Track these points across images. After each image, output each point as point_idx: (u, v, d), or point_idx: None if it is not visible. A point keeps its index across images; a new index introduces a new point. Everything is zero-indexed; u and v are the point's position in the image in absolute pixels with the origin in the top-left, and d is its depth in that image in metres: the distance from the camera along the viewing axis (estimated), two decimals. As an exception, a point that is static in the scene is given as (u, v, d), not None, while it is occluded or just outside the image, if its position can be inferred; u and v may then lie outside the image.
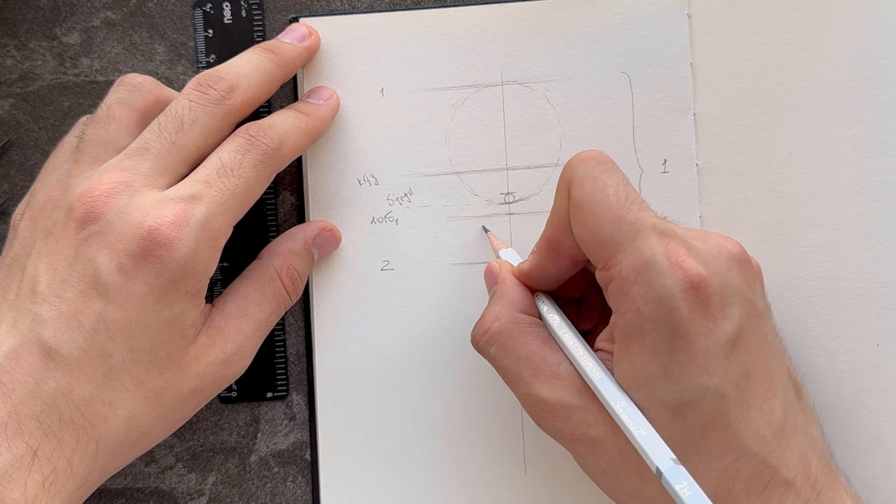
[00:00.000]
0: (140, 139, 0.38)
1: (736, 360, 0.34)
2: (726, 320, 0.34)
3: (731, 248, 0.35)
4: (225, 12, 0.44)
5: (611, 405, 0.34)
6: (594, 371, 0.35)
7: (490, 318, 0.38)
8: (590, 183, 0.35)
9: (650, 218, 0.35)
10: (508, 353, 0.37)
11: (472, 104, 0.44)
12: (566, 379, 0.36)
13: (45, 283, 0.36)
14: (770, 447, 0.34)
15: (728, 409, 0.33)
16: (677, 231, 0.35)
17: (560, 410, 0.36)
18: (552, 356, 0.37)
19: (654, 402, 0.34)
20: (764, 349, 0.35)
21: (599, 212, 0.35)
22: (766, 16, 0.43)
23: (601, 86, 0.43)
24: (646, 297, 0.34)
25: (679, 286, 0.33)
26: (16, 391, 0.34)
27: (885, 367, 0.42)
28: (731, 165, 0.43)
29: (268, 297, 0.40)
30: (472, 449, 0.43)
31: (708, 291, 0.33)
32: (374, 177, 0.44)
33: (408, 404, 0.43)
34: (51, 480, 0.34)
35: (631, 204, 0.35)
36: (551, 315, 0.38)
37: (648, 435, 0.33)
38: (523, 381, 0.37)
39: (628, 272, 0.34)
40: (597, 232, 0.35)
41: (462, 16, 0.44)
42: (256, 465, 0.44)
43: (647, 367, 0.34)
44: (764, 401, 0.34)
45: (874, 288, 0.42)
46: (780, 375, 0.35)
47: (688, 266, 0.33)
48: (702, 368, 0.33)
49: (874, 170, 0.43)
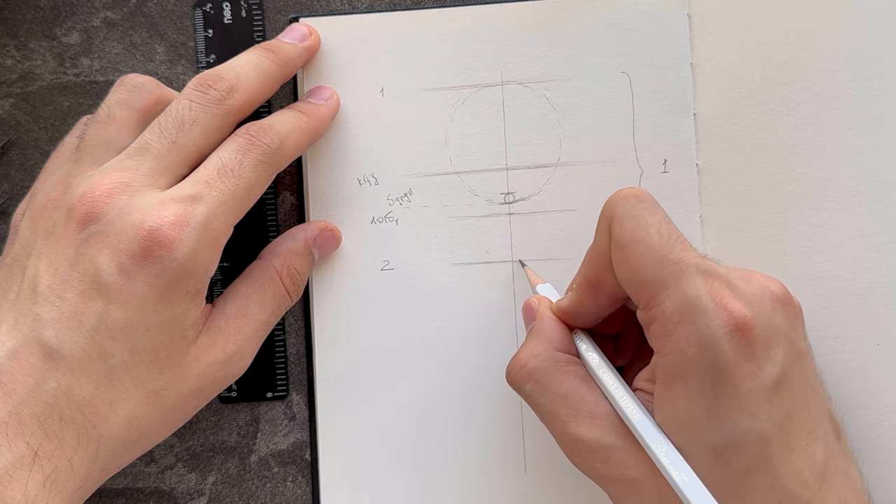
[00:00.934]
0: (140, 139, 0.38)
1: (779, 403, 0.33)
2: (770, 363, 0.33)
3: (774, 289, 0.35)
4: (225, 12, 0.44)
5: (651, 449, 0.34)
6: (634, 413, 0.35)
7: (527, 355, 0.37)
8: (632, 221, 0.35)
9: (693, 258, 0.34)
10: (545, 392, 0.37)
11: (472, 104, 0.44)
12: (604, 419, 0.36)
13: (46, 283, 0.36)
14: (812, 491, 0.33)
15: (771, 452, 0.33)
16: (720, 271, 0.35)
17: (598, 451, 0.35)
18: (590, 395, 0.36)
19: (696, 445, 0.33)
20: (806, 392, 0.34)
21: (642, 251, 0.34)
22: (766, 16, 0.43)
23: (601, 86, 0.43)
24: (690, 338, 0.33)
25: (724, 328, 0.33)
26: (17, 391, 0.34)
27: (885, 366, 0.42)
28: (731, 165, 0.43)
29: (268, 297, 0.40)
30: (472, 449, 0.43)
31: (753, 334, 0.33)
32: (374, 177, 0.44)
33: (408, 404, 0.43)
34: (52, 480, 0.34)
35: (674, 243, 0.35)
36: (590, 354, 0.37)
37: (690, 480, 0.33)
38: (560, 419, 0.36)
39: (672, 313, 0.34)
40: (639, 271, 0.34)
41: (462, 16, 0.44)
42: (256, 465, 0.44)
43: (691, 410, 0.33)
44: (806, 444, 0.34)
45: (874, 288, 0.42)
46: (821, 418, 0.35)
47: (732, 308, 0.33)
48: (746, 411, 0.33)
49: (874, 170, 0.43)
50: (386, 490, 0.43)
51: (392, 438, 0.43)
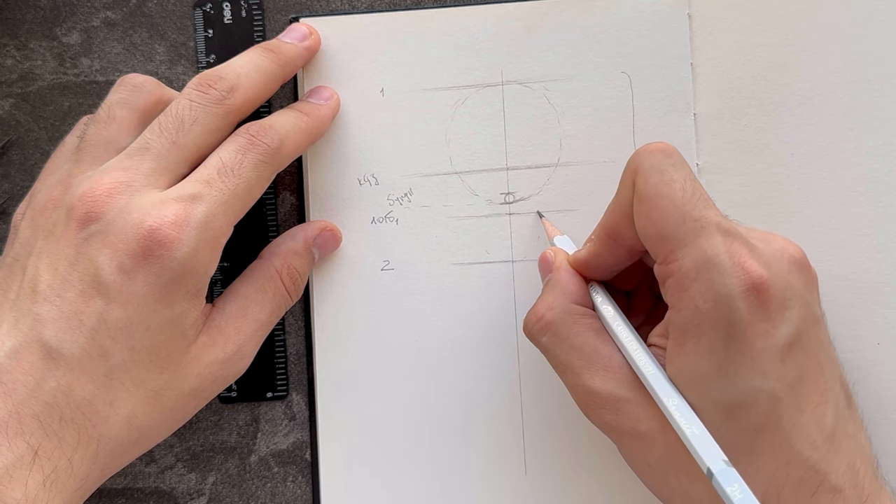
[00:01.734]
0: (141, 139, 0.38)
1: (792, 364, 0.33)
2: (785, 323, 0.33)
3: (793, 252, 0.35)
4: (225, 12, 0.44)
5: (663, 402, 0.34)
6: (647, 366, 0.35)
7: (544, 307, 0.38)
8: (657, 176, 0.35)
9: (715, 216, 0.34)
10: (561, 343, 0.37)
11: (472, 104, 0.44)
12: (618, 371, 0.36)
13: (46, 282, 0.36)
14: (821, 453, 0.33)
15: (781, 412, 0.33)
16: (741, 231, 0.35)
17: (610, 403, 0.36)
18: (604, 348, 0.37)
19: (706, 402, 0.34)
20: (819, 355, 0.35)
21: (664, 205, 0.35)
22: (766, 16, 0.43)
23: (601, 86, 0.43)
24: (706, 295, 0.33)
25: (740, 286, 0.33)
26: (17, 391, 0.34)
27: (885, 366, 0.42)
28: (731, 165, 0.43)
29: (268, 297, 0.40)
30: (472, 449, 0.43)
31: (769, 294, 0.33)
32: (374, 177, 0.44)
33: (408, 404, 0.43)
34: (51, 480, 0.34)
35: (697, 200, 0.35)
36: (605, 307, 0.37)
37: (701, 434, 0.33)
38: (574, 371, 0.37)
39: (689, 269, 0.34)
40: (660, 225, 0.35)
41: (462, 16, 0.44)
42: (256, 465, 0.44)
43: (702, 366, 0.34)
44: (816, 406, 0.34)
45: (874, 288, 0.42)
46: (832, 382, 0.35)
47: (750, 267, 0.33)
48: (757, 370, 0.33)
49: (875, 170, 0.43)
50: (386, 490, 0.43)
51: (392, 438, 0.43)
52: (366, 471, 0.43)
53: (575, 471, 0.43)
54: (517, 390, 0.43)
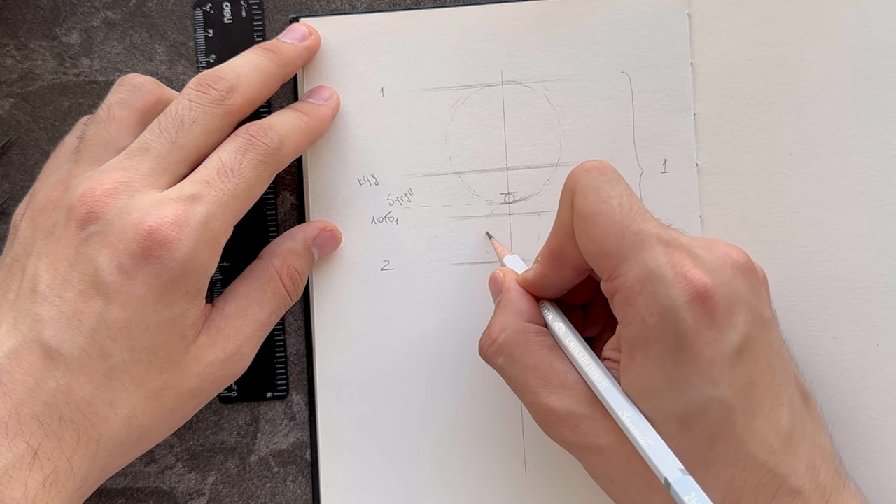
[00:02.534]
0: (140, 139, 0.38)
1: (742, 370, 0.34)
2: (732, 330, 0.33)
3: (735, 257, 0.35)
4: (225, 12, 0.44)
5: (618, 415, 0.34)
6: (601, 381, 0.35)
7: (496, 329, 0.38)
8: (593, 194, 0.35)
9: (654, 228, 0.35)
10: (516, 363, 0.37)
11: (472, 104, 0.44)
12: (573, 388, 0.36)
13: (46, 282, 0.36)
14: (778, 456, 0.33)
15: (734, 418, 0.33)
16: (682, 240, 0.35)
17: (568, 420, 0.36)
18: (559, 365, 0.37)
19: (660, 413, 0.34)
20: (770, 358, 0.35)
21: (603, 223, 0.35)
22: (766, 16, 0.43)
23: (601, 86, 0.43)
24: (651, 308, 0.33)
25: (684, 297, 0.33)
26: (16, 391, 0.34)
27: (885, 366, 0.42)
28: (731, 165, 0.43)
29: (268, 297, 0.40)
30: (472, 449, 0.43)
31: (713, 302, 0.33)
32: (374, 177, 0.44)
33: (408, 404, 0.43)
34: (51, 480, 0.34)
35: (635, 214, 0.35)
36: (557, 324, 0.38)
37: (656, 445, 0.33)
38: (531, 390, 0.37)
39: (633, 283, 0.34)
40: (601, 243, 0.35)
41: (462, 16, 0.44)
42: (256, 465, 0.44)
43: (653, 378, 0.34)
44: (770, 410, 0.34)
45: (874, 288, 0.42)
46: (786, 384, 0.35)
47: (693, 276, 0.33)
48: (707, 379, 0.33)
49: (874, 170, 0.43)
50: (386, 490, 0.43)
51: (392, 438, 0.43)
52: (366, 470, 0.43)
53: (575, 471, 0.43)
54: (517, 390, 0.43)
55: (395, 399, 0.43)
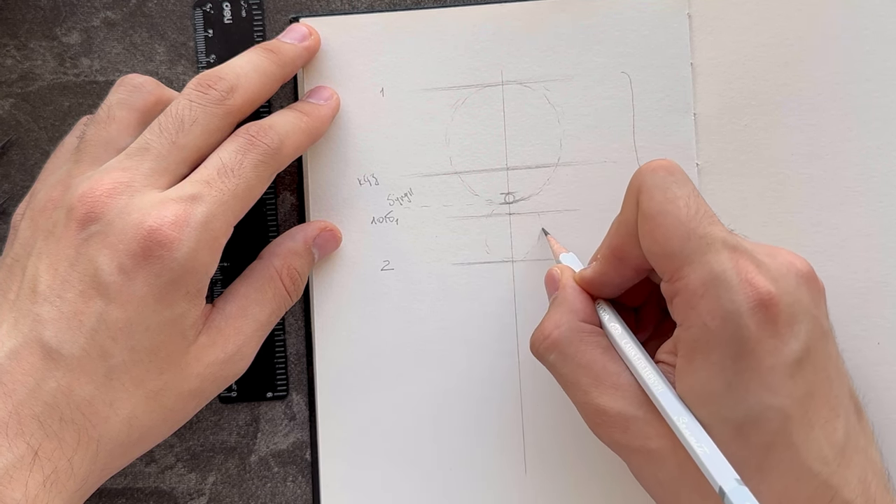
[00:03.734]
0: (140, 139, 0.38)
1: (801, 380, 0.33)
2: (794, 339, 0.33)
3: (800, 266, 0.35)
4: (225, 12, 0.44)
5: (673, 420, 0.34)
6: (656, 384, 0.35)
7: (550, 325, 0.38)
8: (660, 194, 0.35)
9: (720, 232, 0.34)
10: (568, 361, 0.37)
11: (472, 104, 0.44)
12: (626, 389, 0.36)
13: (46, 283, 0.36)
14: (832, 468, 0.33)
15: (792, 428, 0.33)
16: (747, 246, 0.35)
17: (619, 421, 0.35)
18: (612, 366, 0.36)
19: (716, 419, 0.33)
20: (828, 369, 0.34)
21: (669, 223, 0.34)
22: (766, 16, 0.43)
23: (601, 86, 0.43)
24: (713, 312, 0.33)
25: (748, 303, 0.33)
26: (17, 391, 0.34)
27: (885, 365, 0.42)
28: (731, 165, 0.43)
29: (268, 297, 0.40)
30: (472, 449, 0.43)
31: (777, 309, 0.33)
32: (374, 177, 0.44)
33: (408, 404, 0.43)
34: (52, 480, 0.34)
35: (702, 217, 0.34)
36: (613, 324, 0.37)
37: (712, 453, 0.32)
38: (582, 389, 0.36)
39: (696, 286, 0.34)
40: (665, 244, 0.34)
41: (462, 16, 0.44)
42: (256, 465, 0.44)
43: (712, 383, 0.33)
44: (827, 421, 0.34)
45: (874, 288, 0.42)
46: (842, 396, 0.35)
47: (757, 283, 0.33)
48: (767, 387, 0.33)
49: (875, 170, 0.43)
50: (386, 490, 0.43)
51: (392, 438, 0.43)
52: (366, 471, 0.43)
53: (575, 470, 0.43)
54: (517, 390, 0.43)
55: (394, 399, 0.43)
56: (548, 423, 0.43)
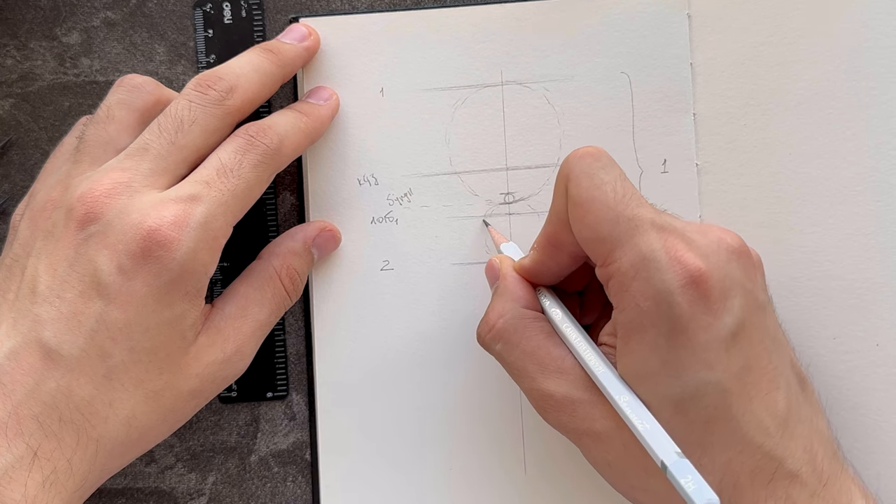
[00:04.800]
0: (140, 140, 0.38)
1: (737, 353, 0.34)
2: (726, 314, 0.34)
3: (730, 241, 0.35)
4: (225, 12, 0.44)
5: (614, 399, 0.34)
6: (597, 366, 0.35)
7: (494, 315, 0.38)
8: (587, 180, 0.35)
9: (648, 213, 0.35)
10: (513, 349, 0.37)
11: (472, 104, 0.44)
12: (570, 373, 0.36)
13: (45, 283, 0.36)
14: (774, 439, 0.34)
15: (730, 402, 0.33)
16: (676, 225, 0.35)
17: (565, 405, 0.36)
18: (556, 351, 0.37)
19: (656, 397, 0.34)
20: (765, 341, 0.35)
21: (597, 208, 0.35)
22: (766, 16, 0.43)
23: (601, 86, 0.43)
24: (645, 292, 0.34)
25: (678, 281, 0.33)
26: (16, 391, 0.34)
27: (884, 366, 0.42)
28: (731, 165, 0.43)
29: (268, 297, 0.40)
30: (472, 449, 0.43)
31: (708, 285, 0.33)
32: (374, 177, 0.44)
33: (408, 404, 0.43)
34: (51, 481, 0.34)
35: (629, 200, 0.35)
36: (554, 310, 0.38)
37: (652, 429, 0.33)
38: (529, 376, 0.37)
39: (627, 268, 0.34)
40: (595, 229, 0.35)
41: (462, 16, 0.44)
42: (256, 465, 0.44)
43: (648, 363, 0.34)
44: (767, 393, 0.34)
45: (874, 288, 0.42)
46: (782, 367, 0.35)
47: (687, 260, 0.33)
48: (702, 363, 0.33)
49: (874, 170, 0.43)
50: (386, 490, 0.43)
51: (392, 438, 0.43)
52: (366, 470, 0.43)
53: (575, 471, 0.43)
54: (517, 390, 0.43)
55: (394, 399, 0.43)
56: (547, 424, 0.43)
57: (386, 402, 0.43)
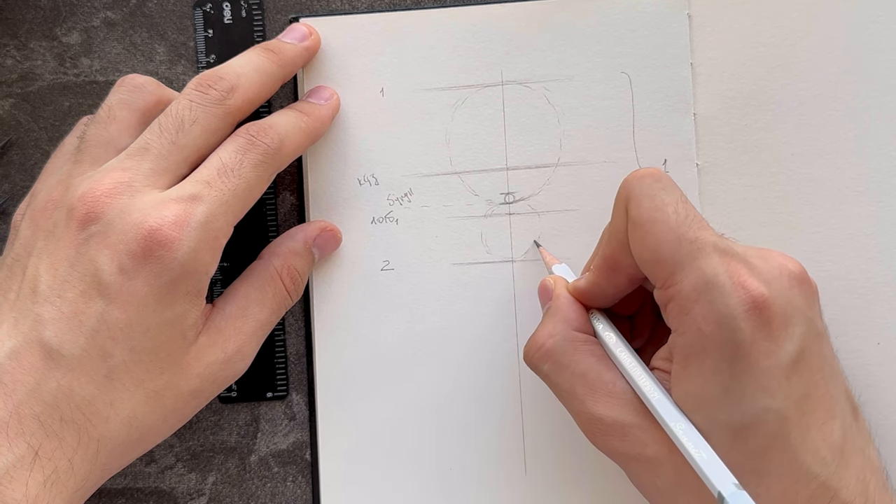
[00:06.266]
0: (141, 139, 0.38)
1: (797, 382, 0.33)
2: (788, 341, 0.33)
3: (792, 268, 0.35)
4: (225, 12, 0.44)
5: (670, 427, 0.34)
6: (652, 392, 0.35)
7: (544, 335, 0.38)
8: (648, 201, 0.35)
9: (710, 236, 0.34)
10: (563, 371, 0.37)
11: (472, 104, 0.44)
12: (622, 397, 0.36)
13: (47, 283, 0.36)
14: (830, 469, 0.33)
15: (789, 430, 0.33)
16: (738, 250, 0.35)
17: (616, 429, 0.35)
18: (607, 374, 0.36)
19: (714, 424, 0.33)
20: (824, 370, 0.34)
21: (658, 230, 0.34)
22: (766, 16, 0.43)
23: (601, 86, 0.43)
24: (708, 317, 0.33)
25: (742, 306, 0.33)
26: (17, 391, 0.34)
27: (885, 366, 0.42)
28: (731, 165, 0.43)
29: (268, 297, 0.40)
30: (472, 449, 0.43)
31: (770, 312, 0.33)
32: (374, 177, 0.44)
33: (408, 404, 0.43)
34: (52, 480, 0.34)
35: (691, 222, 0.35)
36: (607, 333, 0.37)
37: (710, 458, 0.32)
38: (578, 398, 0.36)
39: (689, 292, 0.34)
40: (656, 250, 0.34)
41: (462, 16, 0.44)
42: (256, 465, 0.44)
43: (708, 388, 0.33)
44: (824, 422, 0.34)
45: (874, 288, 0.42)
46: (839, 396, 0.35)
47: (750, 286, 0.33)
48: (763, 390, 0.33)
49: (875, 170, 0.43)
50: (386, 490, 0.43)
51: (392, 438, 0.43)
52: (366, 470, 0.43)
53: (575, 471, 0.43)
54: (517, 390, 0.43)
55: (394, 399, 0.43)
56: (548, 423, 0.43)
57: (386, 401, 0.43)
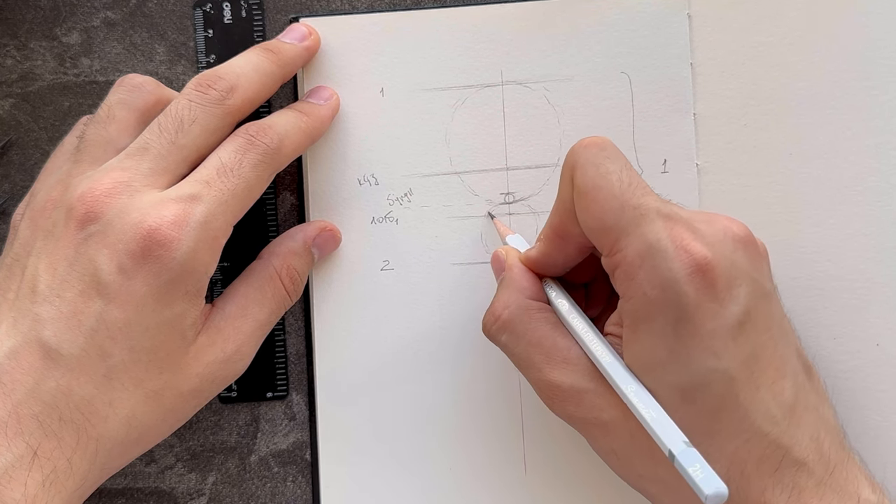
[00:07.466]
0: (140, 139, 0.38)
1: (744, 342, 0.34)
2: (733, 302, 0.34)
3: (736, 230, 0.35)
4: (225, 12, 0.44)
5: (622, 389, 0.34)
6: (604, 355, 0.35)
7: (500, 306, 0.38)
8: (592, 169, 0.35)
9: (654, 202, 0.35)
10: (519, 340, 0.37)
11: (472, 104, 0.44)
12: (577, 363, 0.36)
13: (46, 282, 0.36)
14: (781, 427, 0.34)
15: (737, 390, 0.33)
16: (682, 214, 0.35)
17: (571, 395, 0.36)
18: (562, 341, 0.37)
19: (663, 386, 0.34)
20: (772, 330, 0.35)
21: (603, 198, 0.35)
22: (766, 15, 0.43)
23: (601, 86, 0.43)
24: (652, 281, 0.34)
25: (685, 270, 0.33)
26: (16, 391, 0.34)
27: (885, 366, 0.42)
28: (731, 165, 0.43)
29: (268, 297, 0.40)
30: (472, 449, 0.43)
31: (714, 274, 0.33)
32: (374, 177, 0.44)
33: (408, 404, 0.43)
34: (51, 480, 0.34)
35: (634, 189, 0.35)
36: (560, 301, 0.38)
37: (660, 418, 0.33)
38: (535, 366, 0.37)
39: (633, 257, 0.34)
40: (601, 218, 0.35)
41: (462, 16, 0.44)
42: (256, 465, 0.44)
43: (655, 352, 0.34)
44: (773, 381, 0.34)
45: (874, 288, 0.42)
46: (789, 355, 0.35)
47: (693, 249, 0.33)
48: (709, 351, 0.33)
49: (874, 170, 0.43)
50: (386, 490, 0.43)
51: (392, 438, 0.43)
52: (366, 470, 0.43)
53: (575, 471, 0.43)
54: (517, 390, 0.43)
55: (394, 399, 0.43)
56: (547, 423, 0.43)
57: (386, 401, 0.43)
